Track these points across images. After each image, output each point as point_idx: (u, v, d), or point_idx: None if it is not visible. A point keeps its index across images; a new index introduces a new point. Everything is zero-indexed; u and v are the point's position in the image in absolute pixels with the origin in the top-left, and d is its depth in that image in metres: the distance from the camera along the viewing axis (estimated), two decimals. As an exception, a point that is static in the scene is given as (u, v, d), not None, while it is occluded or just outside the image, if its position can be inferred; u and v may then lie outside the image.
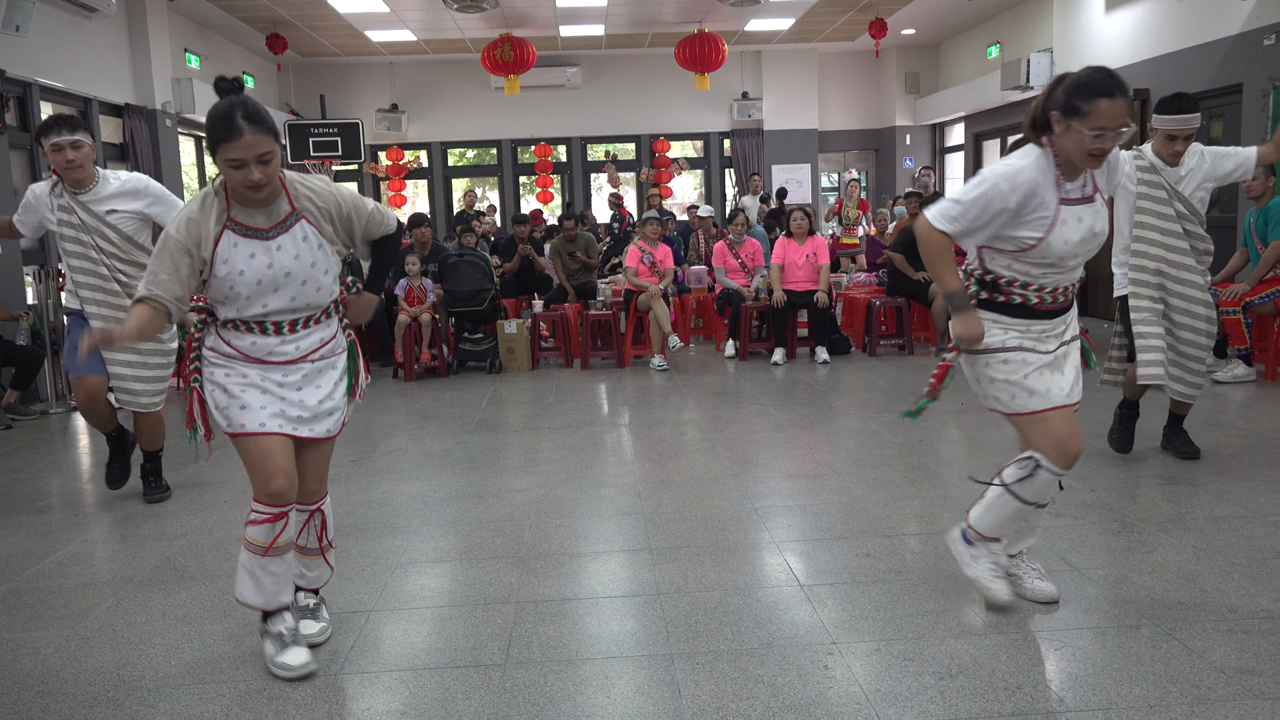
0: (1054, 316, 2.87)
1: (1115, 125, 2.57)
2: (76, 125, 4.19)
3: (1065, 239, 2.73)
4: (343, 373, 2.88)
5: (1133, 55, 9.75)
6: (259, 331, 2.68)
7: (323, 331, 2.79)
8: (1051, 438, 2.81)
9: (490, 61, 12.30)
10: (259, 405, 2.67)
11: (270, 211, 2.64)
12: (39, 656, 2.92)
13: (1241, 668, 2.54)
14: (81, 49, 9.26)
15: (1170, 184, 4.28)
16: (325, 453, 2.89)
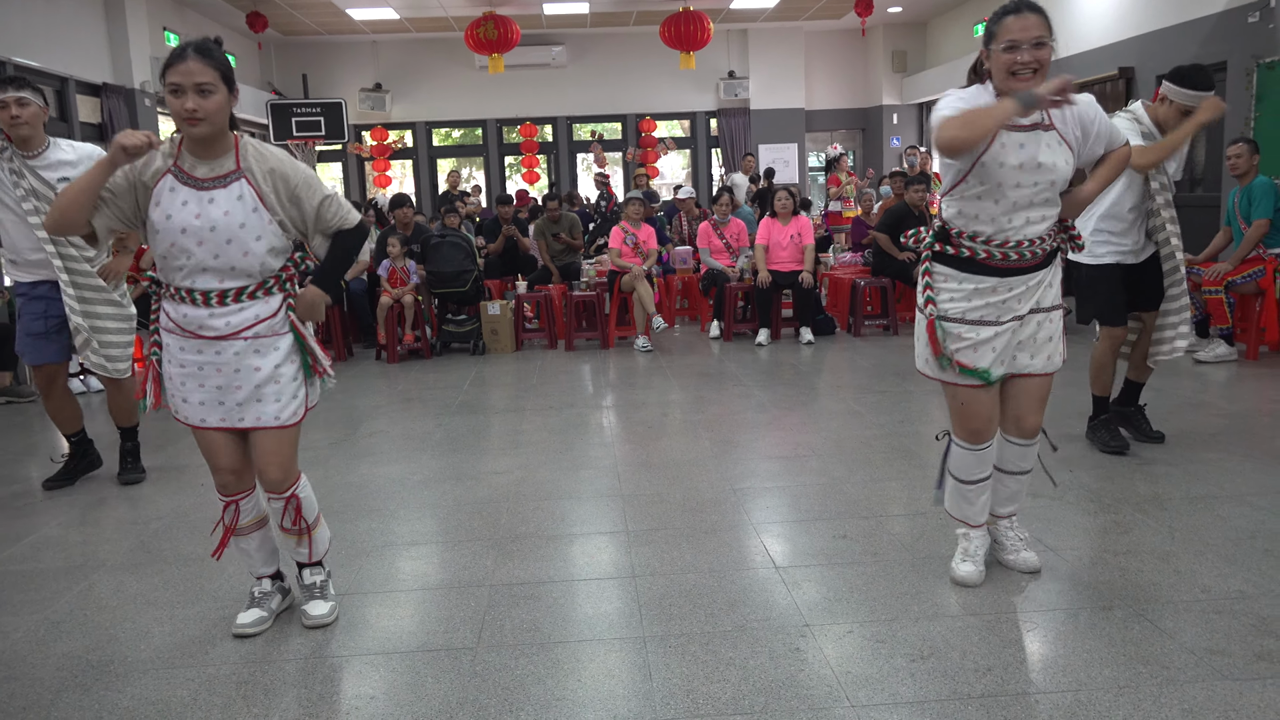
0: (1008, 275, 2.76)
1: (1026, 37, 2.60)
2: (24, 83, 4.15)
3: (1000, 161, 2.67)
4: (288, 355, 2.73)
5: (1117, 33, 9.73)
6: (189, 302, 2.64)
7: (258, 307, 2.68)
8: (953, 410, 2.93)
9: (474, 40, 12.20)
10: (198, 400, 2.71)
11: (214, 165, 2.62)
12: (7, 641, 2.89)
13: (1212, 648, 2.55)
14: (57, 27, 9.14)
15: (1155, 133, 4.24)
16: (284, 439, 2.76)
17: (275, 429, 2.73)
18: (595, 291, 8.45)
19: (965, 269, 2.81)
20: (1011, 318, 2.80)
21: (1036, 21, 2.62)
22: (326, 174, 16.34)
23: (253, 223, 2.61)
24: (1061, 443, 4.59)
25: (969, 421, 2.90)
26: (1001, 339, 2.81)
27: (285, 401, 2.72)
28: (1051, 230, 2.81)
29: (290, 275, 2.76)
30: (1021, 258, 2.76)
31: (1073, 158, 2.74)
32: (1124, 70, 9.49)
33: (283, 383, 2.72)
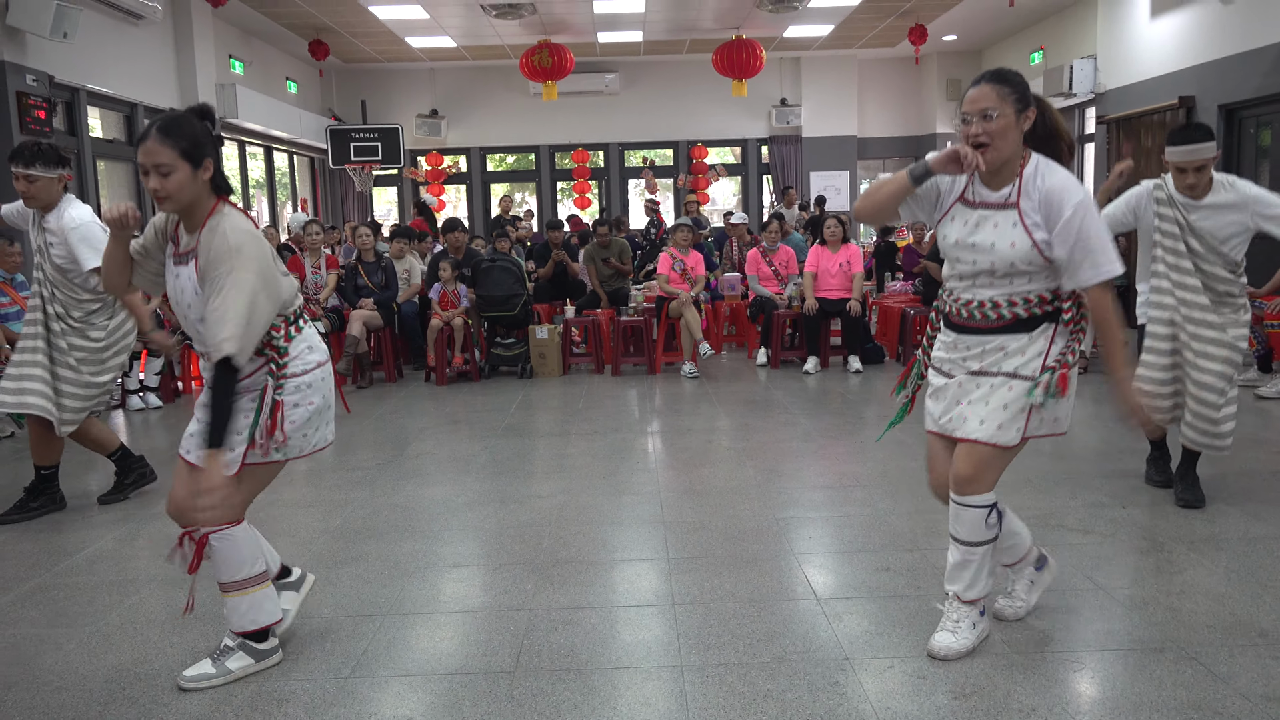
0: (965, 333, 2.74)
1: (974, 109, 2.55)
2: (34, 159, 4.17)
3: (945, 234, 2.72)
4: (241, 409, 2.64)
5: (1178, 62, 9.57)
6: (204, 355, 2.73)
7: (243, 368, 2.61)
8: (927, 461, 2.91)
9: (529, 68, 12.37)
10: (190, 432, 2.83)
11: (191, 238, 2.68)
12: (60, 652, 2.96)
13: (1269, 695, 2.47)
14: (128, 55, 9.46)
15: (1185, 219, 3.97)
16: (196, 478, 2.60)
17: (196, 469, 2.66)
18: (643, 317, 8.47)
19: (944, 321, 2.85)
20: (964, 373, 2.74)
21: (989, 92, 2.54)
22: (382, 198, 16.64)
23: (195, 303, 2.65)
24: (1113, 479, 4.50)
25: (929, 473, 2.93)
26: (950, 391, 2.76)
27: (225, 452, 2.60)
28: (1019, 299, 2.64)
29: (267, 342, 2.69)
30: (973, 318, 2.70)
31: (1027, 240, 2.56)
32: (1184, 99, 9.33)
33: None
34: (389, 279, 8.34)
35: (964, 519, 2.73)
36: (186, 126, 2.61)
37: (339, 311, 8.12)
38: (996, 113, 2.53)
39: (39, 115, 7.66)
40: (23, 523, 4.39)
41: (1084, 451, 5.10)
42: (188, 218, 2.68)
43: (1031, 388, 2.62)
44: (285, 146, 13.78)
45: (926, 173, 2.61)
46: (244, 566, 2.74)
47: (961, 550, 2.76)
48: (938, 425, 2.80)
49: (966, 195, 2.69)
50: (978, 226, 2.64)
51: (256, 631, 2.79)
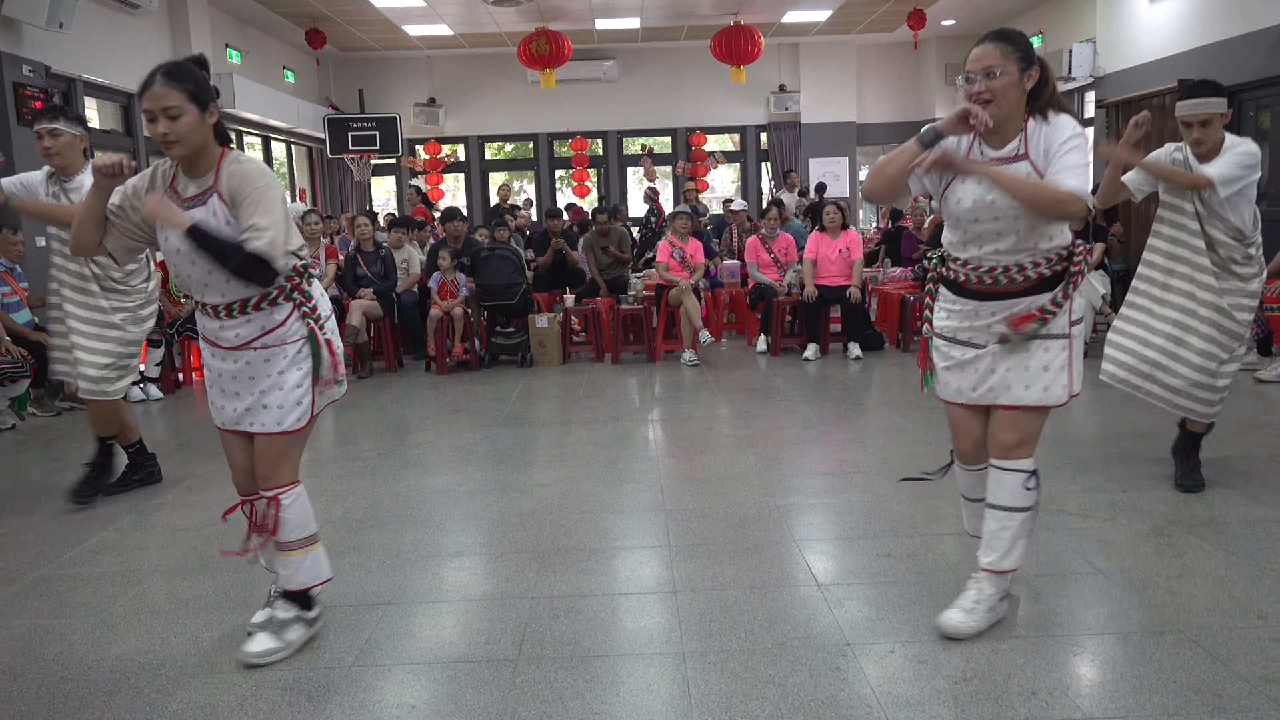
0: (988, 299, 2.73)
1: (978, 67, 2.57)
2: (59, 114, 4.28)
3: (958, 198, 2.69)
4: (293, 362, 2.75)
5: (1178, 45, 9.54)
6: (205, 313, 2.76)
7: (264, 319, 2.72)
8: (951, 429, 2.94)
9: (526, 55, 12.34)
10: (219, 405, 2.84)
11: (199, 183, 2.69)
12: (65, 643, 2.98)
13: (1267, 677, 2.48)
14: (124, 45, 9.43)
15: None
16: (277, 442, 2.78)
17: (274, 434, 2.78)
18: (643, 305, 8.47)
19: (955, 290, 2.82)
20: (995, 342, 2.74)
21: (991, 50, 2.58)
22: (381, 187, 16.61)
23: (227, 236, 2.63)
24: (1113, 464, 4.51)
25: (957, 441, 2.94)
26: (983, 362, 2.76)
27: (288, 408, 2.76)
28: (1041, 258, 2.68)
29: (295, 284, 2.76)
30: (996, 283, 2.71)
31: None
32: (1184, 83, 9.30)
33: (285, 389, 2.75)
34: (388, 269, 8.33)
35: (1005, 483, 2.77)
36: (189, 71, 2.63)
37: (338, 301, 8.12)
38: (1000, 70, 2.56)
39: (35, 106, 7.64)
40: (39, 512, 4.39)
41: (1083, 436, 5.11)
42: (194, 164, 2.67)
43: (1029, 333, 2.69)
44: (283, 136, 13.74)
45: (936, 136, 2.62)
46: (308, 524, 2.87)
47: (999, 517, 2.79)
48: (969, 398, 2.82)
49: (973, 158, 2.68)
50: (987, 189, 2.64)
51: (306, 592, 2.89)
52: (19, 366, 6.39)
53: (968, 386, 2.81)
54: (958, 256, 2.79)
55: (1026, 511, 2.77)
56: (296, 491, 2.84)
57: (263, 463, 2.80)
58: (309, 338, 2.78)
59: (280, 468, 2.81)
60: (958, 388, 2.84)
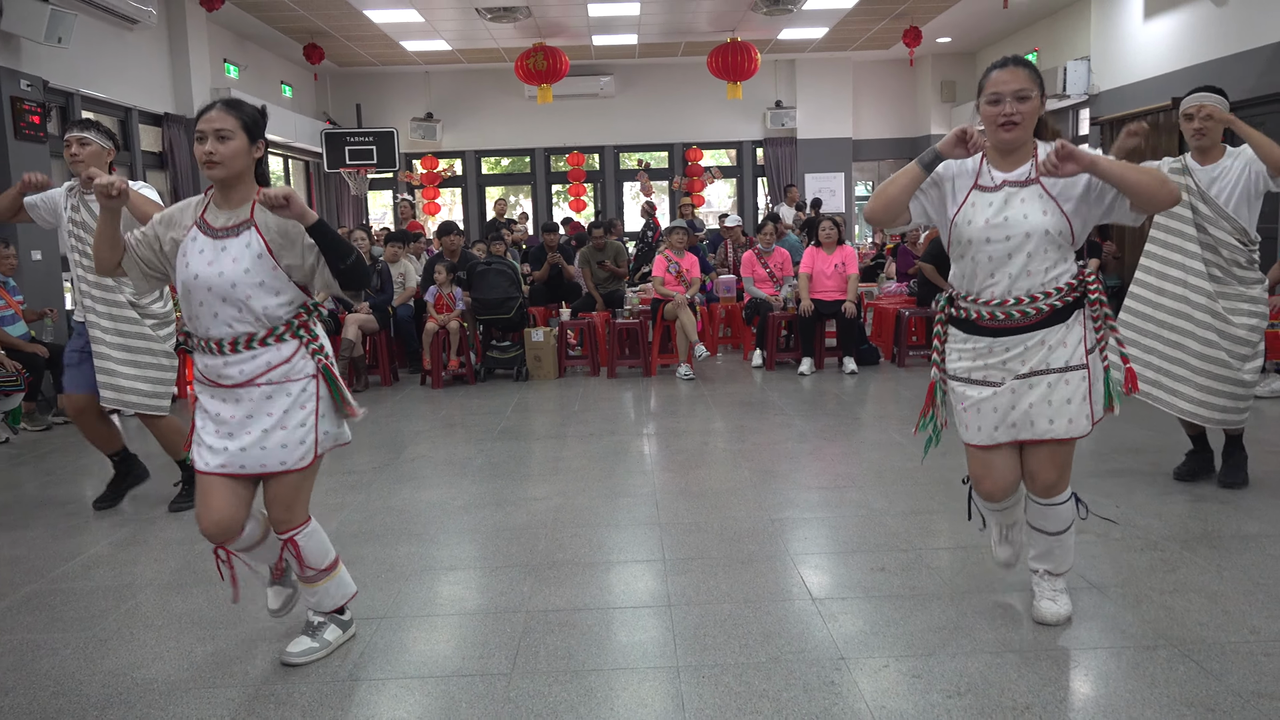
0: (1001, 335, 2.73)
1: (1008, 90, 2.62)
2: (90, 125, 4.32)
3: (969, 219, 2.71)
4: (297, 401, 2.73)
5: (1172, 64, 9.61)
6: (207, 350, 2.72)
7: (270, 354, 2.72)
8: (970, 469, 2.93)
9: (524, 71, 12.39)
10: (210, 445, 2.73)
11: (232, 214, 2.74)
12: (57, 657, 2.97)
13: (1260, 691, 2.48)
14: (122, 60, 9.46)
15: (1197, 183, 4.10)
16: (290, 484, 2.76)
17: (282, 474, 2.75)
18: (639, 319, 8.48)
19: (966, 329, 2.82)
20: (1014, 378, 2.73)
21: (1021, 74, 2.64)
22: (378, 201, 16.63)
23: (256, 268, 2.67)
24: (1107, 479, 4.51)
25: (980, 483, 2.90)
26: (1003, 399, 2.74)
27: (292, 447, 2.72)
28: (1051, 288, 2.69)
29: (302, 321, 2.78)
30: (1009, 318, 2.70)
31: (1057, 209, 2.64)
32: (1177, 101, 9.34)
33: (289, 428, 2.72)
34: (384, 282, 8.34)
35: (1054, 515, 2.86)
36: (249, 107, 2.77)
37: (335, 315, 8.12)
38: (1028, 94, 2.63)
39: (33, 120, 7.66)
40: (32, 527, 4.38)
41: (1078, 451, 5.09)
42: (229, 193, 2.74)
43: (1107, 393, 2.78)
44: (280, 150, 13.77)
45: (936, 158, 2.69)
46: (327, 554, 2.90)
47: (1050, 540, 2.91)
48: (993, 438, 2.79)
49: (981, 181, 2.72)
50: (1005, 204, 2.67)
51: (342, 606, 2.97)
52: (13, 380, 6.39)
53: (989, 426, 2.78)
54: (967, 293, 2.78)
55: (1074, 526, 2.93)
56: (310, 529, 2.84)
57: (279, 505, 2.78)
58: (320, 375, 2.78)
59: (295, 508, 2.80)
60: (979, 427, 2.80)
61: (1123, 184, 2.55)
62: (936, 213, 2.81)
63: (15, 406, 6.55)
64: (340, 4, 10.97)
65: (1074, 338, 2.72)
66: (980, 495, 2.94)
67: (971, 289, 2.77)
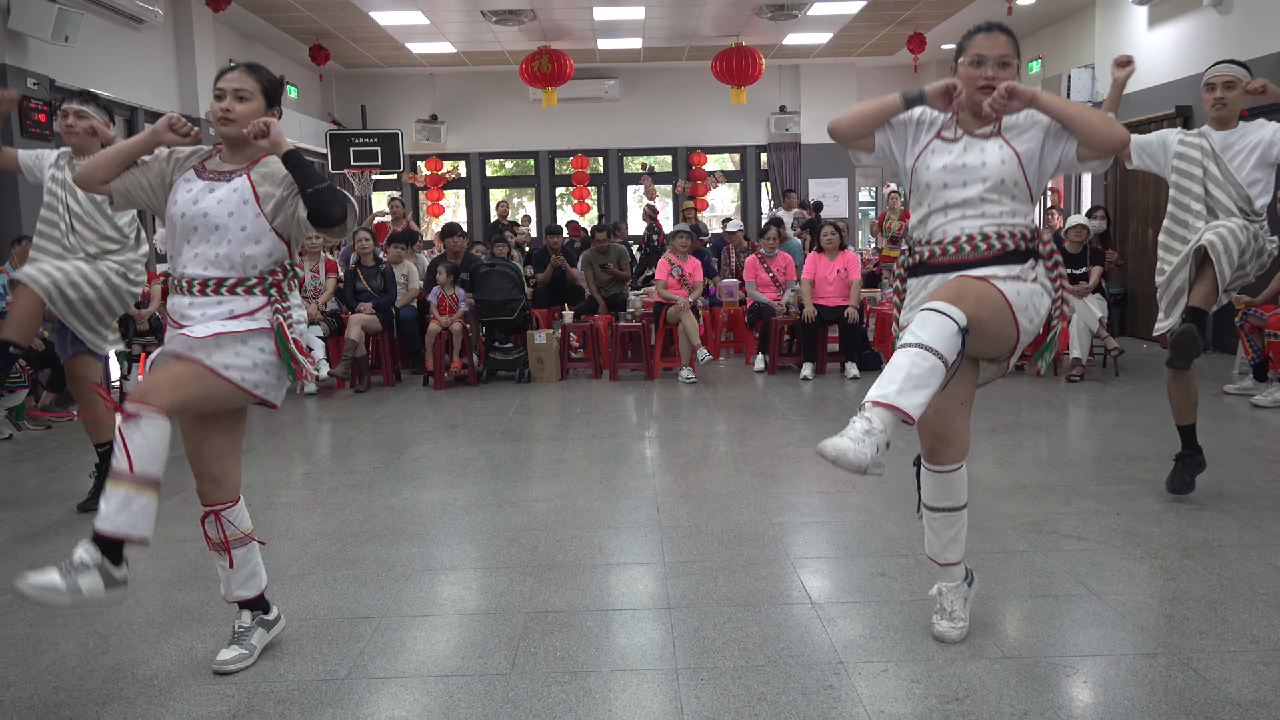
0: (958, 268, 2.72)
1: (992, 53, 2.68)
2: (90, 100, 4.36)
3: (928, 165, 2.78)
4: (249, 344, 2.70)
5: (1176, 72, 9.61)
6: (178, 290, 2.75)
7: (235, 303, 2.70)
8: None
9: (528, 74, 12.41)
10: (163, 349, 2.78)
11: (232, 165, 2.81)
12: (58, 653, 2.97)
13: (1258, 700, 2.48)
14: (129, 59, 9.48)
15: (1212, 144, 4.13)
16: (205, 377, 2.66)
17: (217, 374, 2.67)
18: (641, 322, 8.50)
19: (918, 273, 2.86)
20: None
21: (1004, 41, 2.71)
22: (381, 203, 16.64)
23: (240, 213, 2.72)
24: (1107, 486, 4.52)
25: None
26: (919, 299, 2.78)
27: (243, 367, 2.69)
28: (1005, 230, 2.71)
29: (276, 280, 2.78)
30: (961, 251, 2.73)
31: (1014, 158, 2.70)
32: (1181, 109, 9.36)
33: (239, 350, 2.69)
34: (387, 283, 8.36)
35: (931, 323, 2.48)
36: (268, 72, 2.84)
37: (338, 315, 8.14)
38: (1010, 61, 2.70)
39: (40, 119, 7.68)
40: (34, 522, 4.39)
41: (1078, 459, 5.12)
42: (237, 151, 2.82)
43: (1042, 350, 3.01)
44: (285, 151, 13.80)
45: (919, 98, 2.76)
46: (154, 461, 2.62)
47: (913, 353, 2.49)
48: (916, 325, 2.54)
49: (944, 134, 2.80)
50: (965, 151, 2.75)
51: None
52: (17, 377, 6.40)
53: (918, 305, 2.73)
54: (920, 237, 2.83)
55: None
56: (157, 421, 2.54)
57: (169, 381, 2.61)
58: (275, 334, 2.74)
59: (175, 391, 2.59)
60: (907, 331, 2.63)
61: (1065, 118, 2.67)
62: (898, 151, 2.86)
63: (19, 403, 6.56)
64: (345, 5, 11.00)
65: (1026, 276, 2.69)
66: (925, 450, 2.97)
67: (925, 231, 2.82)
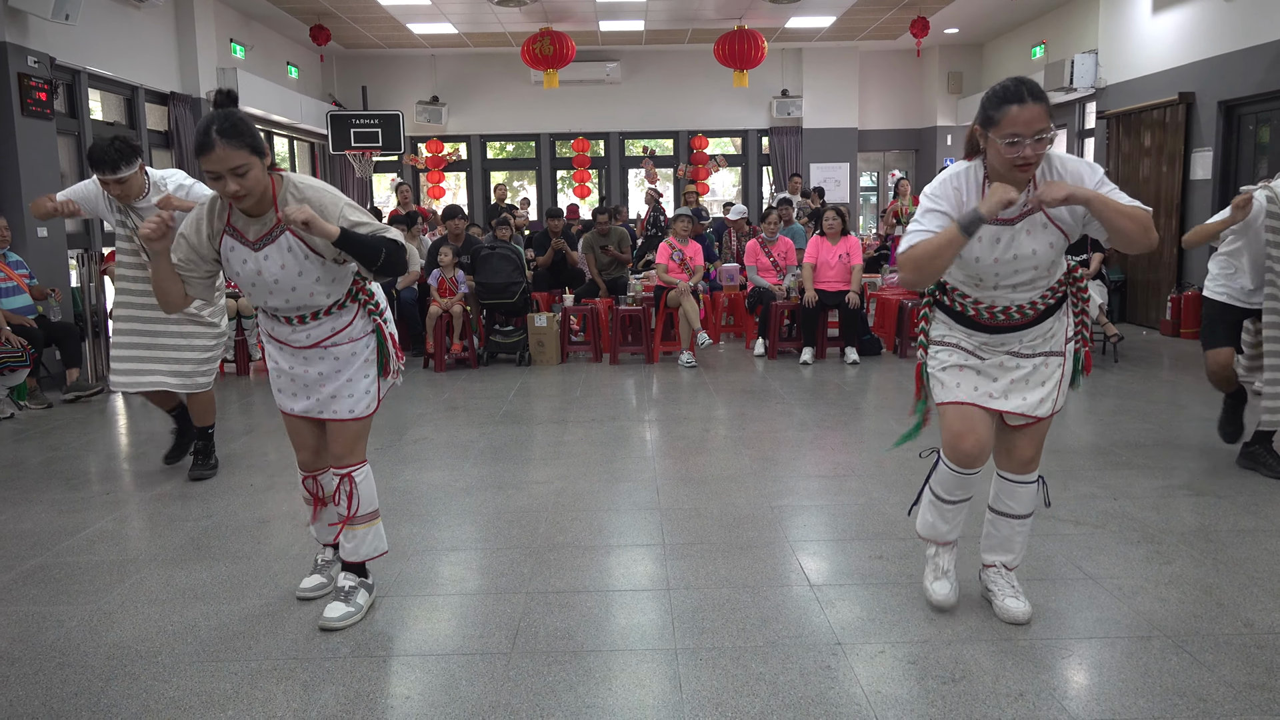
0: (997, 332, 2.79)
1: (1030, 131, 2.46)
2: (119, 161, 4.28)
3: (976, 255, 2.67)
4: (361, 368, 2.99)
5: (1180, 58, 9.58)
6: (274, 320, 2.96)
7: (334, 321, 2.94)
8: (946, 430, 2.85)
9: (530, 55, 12.36)
10: (289, 393, 3.04)
11: (261, 222, 2.80)
12: (62, 629, 3.00)
13: (1252, 683, 2.51)
14: (129, 38, 9.45)
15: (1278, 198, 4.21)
16: (350, 429, 3.00)
17: (347, 420, 3.00)
18: (642, 306, 8.50)
19: (959, 321, 2.84)
20: (1005, 351, 2.81)
21: (1040, 113, 2.47)
22: (383, 184, 16.63)
23: (308, 269, 2.81)
24: (1105, 471, 4.54)
25: (961, 440, 2.80)
26: (989, 368, 2.81)
27: (358, 397, 2.99)
28: (1050, 291, 2.77)
29: (359, 286, 2.99)
30: (1010, 319, 2.76)
31: (1061, 238, 2.66)
32: (1184, 95, 9.34)
33: (355, 381, 2.98)
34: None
35: (1023, 495, 2.90)
36: (241, 123, 2.65)
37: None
38: (1047, 133, 2.50)
39: (40, 97, 7.66)
40: (37, 502, 4.41)
41: (1076, 444, 5.14)
42: (255, 205, 2.76)
43: (1074, 374, 2.89)
44: (285, 131, 13.77)
45: (979, 221, 2.53)
46: (374, 499, 3.08)
47: (1015, 524, 2.93)
48: (973, 398, 2.79)
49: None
50: (1013, 241, 2.64)
51: (366, 563, 3.13)
52: (18, 356, 6.41)
53: (970, 386, 2.81)
54: (966, 294, 2.80)
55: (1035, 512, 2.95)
56: (366, 470, 3.06)
57: (339, 444, 3.00)
58: (375, 333, 3.02)
59: (355, 449, 3.02)
60: (960, 384, 2.82)
61: (1108, 225, 2.52)
62: None
63: (20, 382, 6.57)
64: (347, -15, 10.95)
65: (1060, 327, 2.83)
66: (958, 456, 2.81)
67: (970, 289, 2.79)
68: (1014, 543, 2.96)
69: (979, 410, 2.81)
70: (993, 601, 2.98)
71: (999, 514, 2.95)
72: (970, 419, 2.81)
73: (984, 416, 2.82)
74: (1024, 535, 2.96)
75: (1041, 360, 2.81)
